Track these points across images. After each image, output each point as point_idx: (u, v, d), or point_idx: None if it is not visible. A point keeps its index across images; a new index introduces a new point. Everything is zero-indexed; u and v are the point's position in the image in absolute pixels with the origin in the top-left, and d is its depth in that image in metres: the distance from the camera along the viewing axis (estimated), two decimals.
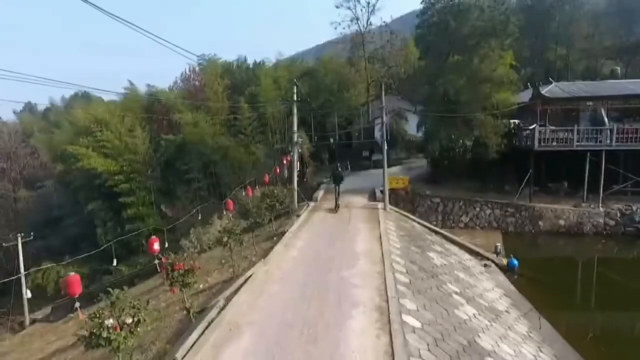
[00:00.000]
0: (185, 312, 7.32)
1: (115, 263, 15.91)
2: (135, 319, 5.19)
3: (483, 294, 10.97)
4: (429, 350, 6.24)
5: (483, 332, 8.10)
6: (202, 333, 6.62)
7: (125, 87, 35.13)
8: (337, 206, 16.45)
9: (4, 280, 16.39)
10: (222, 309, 7.56)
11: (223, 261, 11.75)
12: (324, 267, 9.69)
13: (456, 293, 9.93)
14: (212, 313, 7.34)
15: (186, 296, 7.66)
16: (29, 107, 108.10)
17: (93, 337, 4.82)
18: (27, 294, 13.37)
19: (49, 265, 26.24)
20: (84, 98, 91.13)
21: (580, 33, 39.83)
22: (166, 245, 15.30)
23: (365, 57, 30.41)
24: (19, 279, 22.65)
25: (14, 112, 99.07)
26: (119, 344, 4.95)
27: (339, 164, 18.52)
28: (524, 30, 39.59)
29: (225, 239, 9.02)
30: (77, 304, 11.20)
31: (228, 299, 8.06)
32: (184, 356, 5.89)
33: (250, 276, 9.17)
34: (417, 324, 6.99)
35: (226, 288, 8.77)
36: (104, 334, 4.79)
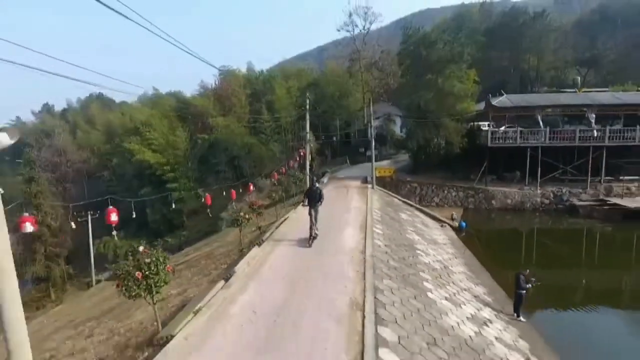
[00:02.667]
0: (257, 229, 13.69)
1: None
2: (248, 216, 11.59)
3: (431, 235, 17.34)
4: (384, 240, 12.63)
5: (420, 244, 14.47)
6: (269, 236, 13.01)
7: (153, 93, 41.87)
8: (312, 237, 11.36)
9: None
10: (275, 229, 13.95)
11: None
12: (330, 213, 15.97)
13: (411, 230, 16.32)
14: (271, 230, 13.74)
15: (259, 221, 14.07)
16: (47, 108, 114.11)
17: (234, 221, 11.23)
18: None
19: (108, 238, 32.95)
20: (98, 100, 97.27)
21: (548, 47, 46.23)
22: None
23: (361, 71, 36.80)
24: (85, 248, 29.71)
25: (32, 113, 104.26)
26: (244, 225, 11.35)
27: (315, 178, 13.26)
28: (502, 43, 46.28)
29: (273, 195, 15.40)
30: (114, 232, 17.58)
31: (277, 227, 14.45)
32: (265, 240, 12.25)
33: (286, 218, 15.57)
34: (381, 232, 13.38)
35: (274, 224, 15.15)
36: (239, 219, 11.18)
